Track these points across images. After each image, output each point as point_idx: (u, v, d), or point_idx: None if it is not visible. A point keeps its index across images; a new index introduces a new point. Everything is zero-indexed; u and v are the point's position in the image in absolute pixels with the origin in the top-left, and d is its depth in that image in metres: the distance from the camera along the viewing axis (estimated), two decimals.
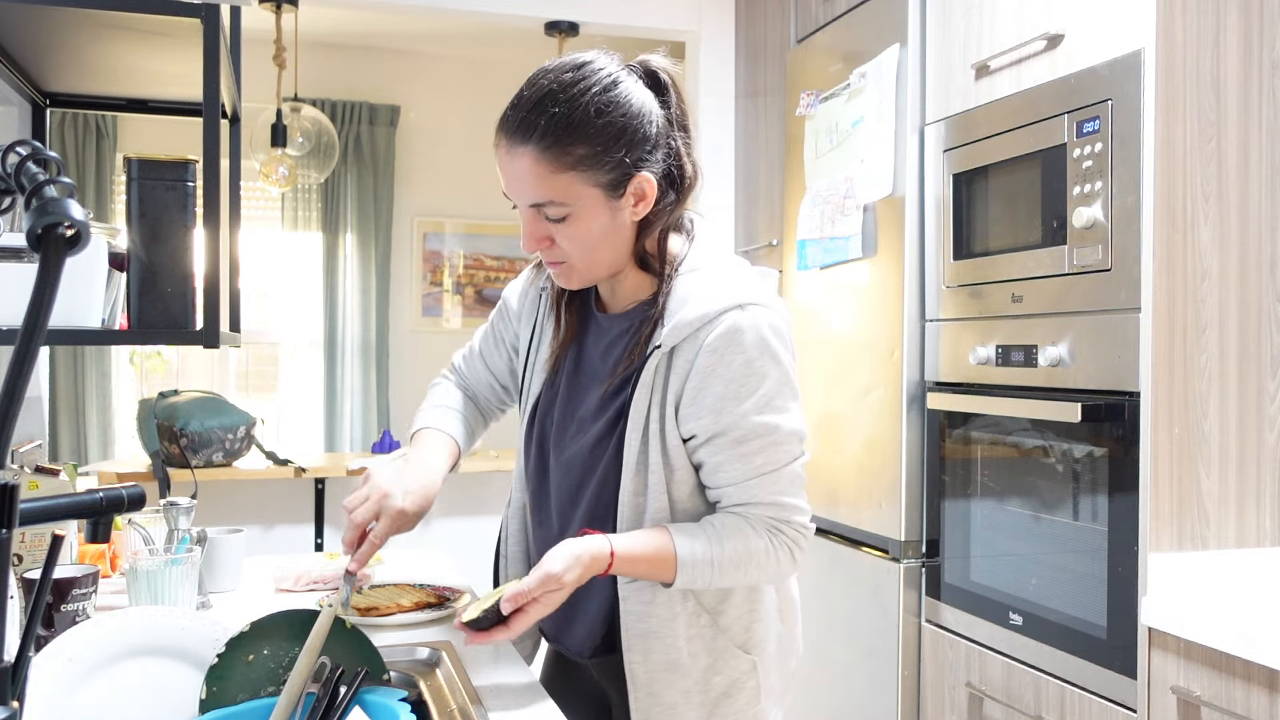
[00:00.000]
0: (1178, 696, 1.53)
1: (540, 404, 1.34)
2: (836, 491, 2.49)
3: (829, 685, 2.50)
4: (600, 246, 1.20)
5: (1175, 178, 1.63)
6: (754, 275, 1.28)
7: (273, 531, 3.31)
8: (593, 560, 1.15)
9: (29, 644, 0.69)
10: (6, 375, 0.59)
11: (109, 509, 0.91)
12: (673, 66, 1.24)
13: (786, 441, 1.20)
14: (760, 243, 3.08)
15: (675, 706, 1.24)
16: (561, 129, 1.13)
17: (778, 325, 1.21)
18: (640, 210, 1.20)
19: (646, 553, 1.18)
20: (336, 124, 4.56)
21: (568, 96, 1.14)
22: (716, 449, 1.20)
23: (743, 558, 1.19)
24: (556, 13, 3.31)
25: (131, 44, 1.57)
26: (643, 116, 1.18)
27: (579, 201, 1.16)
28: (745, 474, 1.20)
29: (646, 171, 1.19)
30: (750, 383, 1.18)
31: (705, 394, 1.18)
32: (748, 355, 1.17)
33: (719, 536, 1.19)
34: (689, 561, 1.17)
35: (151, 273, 1.35)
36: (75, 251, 0.59)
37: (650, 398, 1.21)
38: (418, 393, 5.79)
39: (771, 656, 1.31)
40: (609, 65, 1.18)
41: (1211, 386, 1.65)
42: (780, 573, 1.24)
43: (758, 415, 1.18)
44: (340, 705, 0.96)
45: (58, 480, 1.76)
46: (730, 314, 1.18)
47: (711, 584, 1.20)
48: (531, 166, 1.15)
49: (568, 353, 1.33)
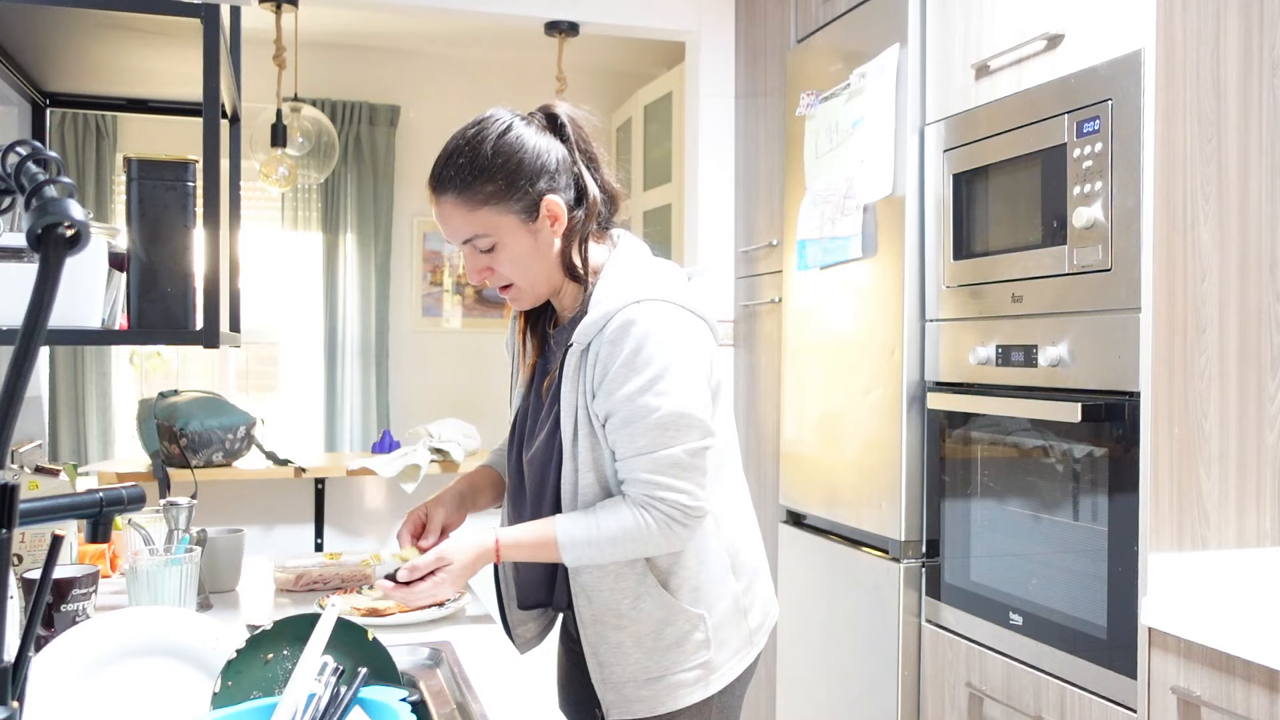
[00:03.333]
0: (1178, 696, 1.53)
1: (519, 415, 1.55)
2: (836, 491, 2.49)
3: (829, 685, 2.50)
4: (532, 265, 1.41)
5: (1175, 178, 1.63)
6: (670, 275, 1.45)
7: (273, 531, 3.31)
8: (481, 548, 1.42)
9: (29, 644, 0.69)
10: (6, 375, 0.59)
11: (109, 509, 0.91)
12: (571, 109, 1.46)
13: (672, 426, 1.35)
14: (760, 243, 3.08)
15: (621, 646, 1.44)
16: (468, 174, 1.37)
17: (672, 317, 1.37)
18: (557, 229, 1.41)
19: (530, 539, 1.41)
20: (336, 124, 4.56)
21: (470, 146, 1.38)
22: (611, 429, 1.38)
23: (618, 534, 1.37)
24: (556, 13, 3.31)
25: (131, 44, 1.57)
26: (539, 151, 1.39)
27: (499, 230, 1.38)
28: (628, 453, 1.37)
29: (552, 196, 1.40)
30: (636, 367, 1.34)
31: (604, 380, 1.36)
32: (636, 343, 1.34)
33: (597, 517, 1.38)
34: (567, 542, 1.38)
35: (151, 273, 1.35)
36: (75, 251, 0.59)
37: (574, 389, 1.40)
38: (418, 393, 5.72)
39: (724, 613, 1.48)
40: (504, 115, 1.41)
41: (1211, 386, 1.65)
42: (659, 545, 1.39)
43: (640, 397, 1.34)
44: (340, 705, 0.96)
45: (58, 480, 1.76)
46: (627, 309, 1.35)
47: (600, 559, 1.39)
48: (453, 210, 1.39)
49: (536, 368, 1.53)
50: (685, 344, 1.38)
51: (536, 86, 4.47)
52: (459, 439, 3.42)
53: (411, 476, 3.26)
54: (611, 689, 1.45)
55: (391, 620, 1.50)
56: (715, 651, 1.46)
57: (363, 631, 1.09)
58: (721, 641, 1.47)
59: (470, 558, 1.41)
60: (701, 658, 1.45)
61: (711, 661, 1.46)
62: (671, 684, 1.44)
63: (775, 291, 2.93)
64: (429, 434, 3.42)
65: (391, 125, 4.82)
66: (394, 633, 1.45)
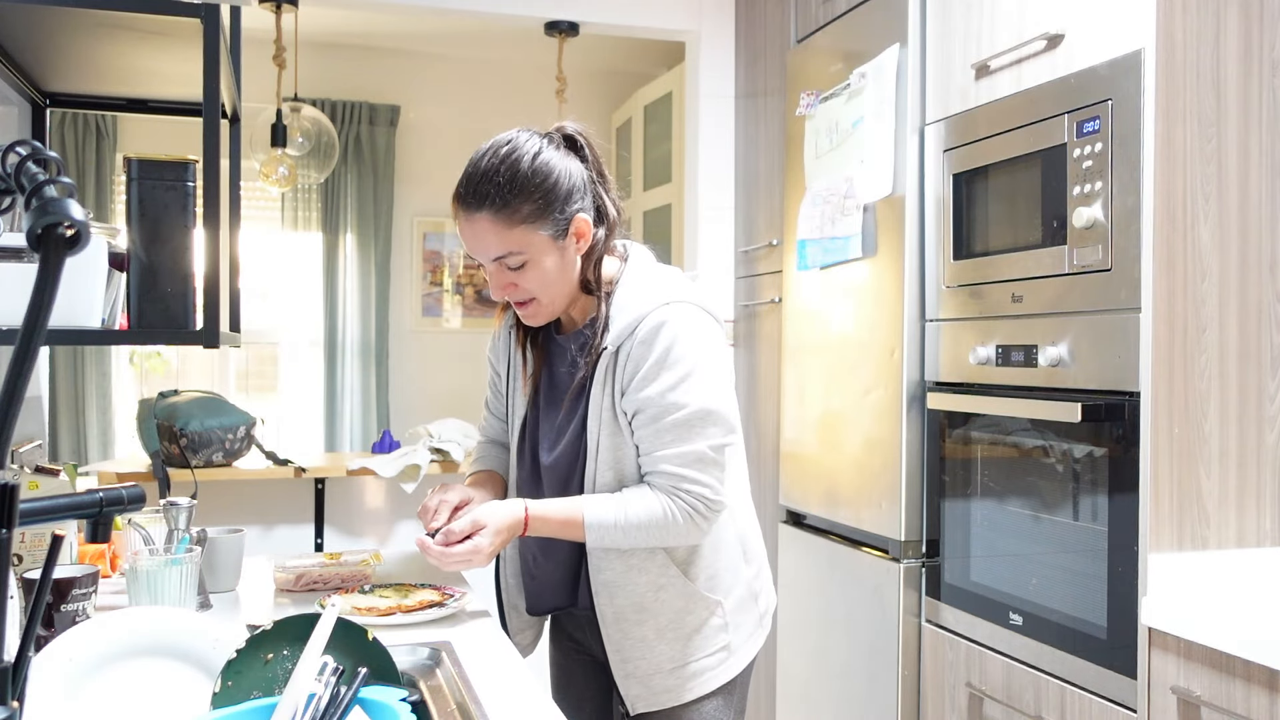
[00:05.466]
0: (1178, 696, 1.53)
1: (526, 423, 1.58)
2: (836, 491, 2.49)
3: (829, 685, 2.50)
4: (557, 282, 1.45)
5: (1175, 178, 1.63)
6: (682, 280, 1.52)
7: (273, 531, 3.31)
8: (513, 517, 1.43)
9: (29, 644, 0.69)
10: (6, 375, 0.59)
11: (109, 509, 0.91)
12: (584, 129, 1.50)
13: (698, 423, 1.41)
14: (760, 243, 3.08)
15: (645, 640, 1.47)
16: (507, 193, 1.39)
17: (698, 319, 1.44)
18: (583, 246, 1.46)
19: (558, 515, 1.44)
20: (336, 124, 4.55)
21: (507, 167, 1.40)
22: (639, 425, 1.43)
23: (644, 520, 1.41)
24: (556, 13, 3.31)
25: (131, 44, 1.58)
26: (568, 173, 1.44)
27: (531, 249, 1.41)
28: (654, 446, 1.42)
29: (582, 214, 1.44)
30: (667, 365, 1.40)
31: (635, 378, 1.41)
32: (667, 343, 1.40)
33: (625, 502, 1.42)
34: (594, 523, 1.42)
35: (151, 273, 1.35)
36: (75, 251, 0.59)
37: (604, 391, 1.44)
38: (418, 393, 5.72)
39: (739, 598, 1.54)
40: (532, 139, 1.44)
41: (1211, 386, 1.65)
42: (681, 535, 1.43)
43: (670, 394, 1.40)
44: (340, 705, 0.96)
45: (58, 480, 1.76)
46: (657, 311, 1.41)
47: (622, 543, 1.43)
48: (488, 227, 1.40)
49: (540, 377, 1.57)
50: (711, 344, 1.45)
51: (536, 86, 4.47)
52: (459, 439, 3.41)
53: (411, 476, 3.26)
54: (636, 682, 1.48)
55: (391, 620, 1.50)
56: (733, 634, 1.52)
57: (363, 631, 1.09)
58: (738, 625, 1.53)
59: (504, 523, 1.43)
60: (721, 641, 1.51)
61: (731, 644, 1.52)
62: (695, 670, 1.49)
63: (775, 291, 2.93)
64: (429, 434, 3.42)
65: (391, 125, 4.82)
66: (394, 633, 1.45)
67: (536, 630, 1.65)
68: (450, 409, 4.35)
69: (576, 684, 1.67)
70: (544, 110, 3.91)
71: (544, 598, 1.58)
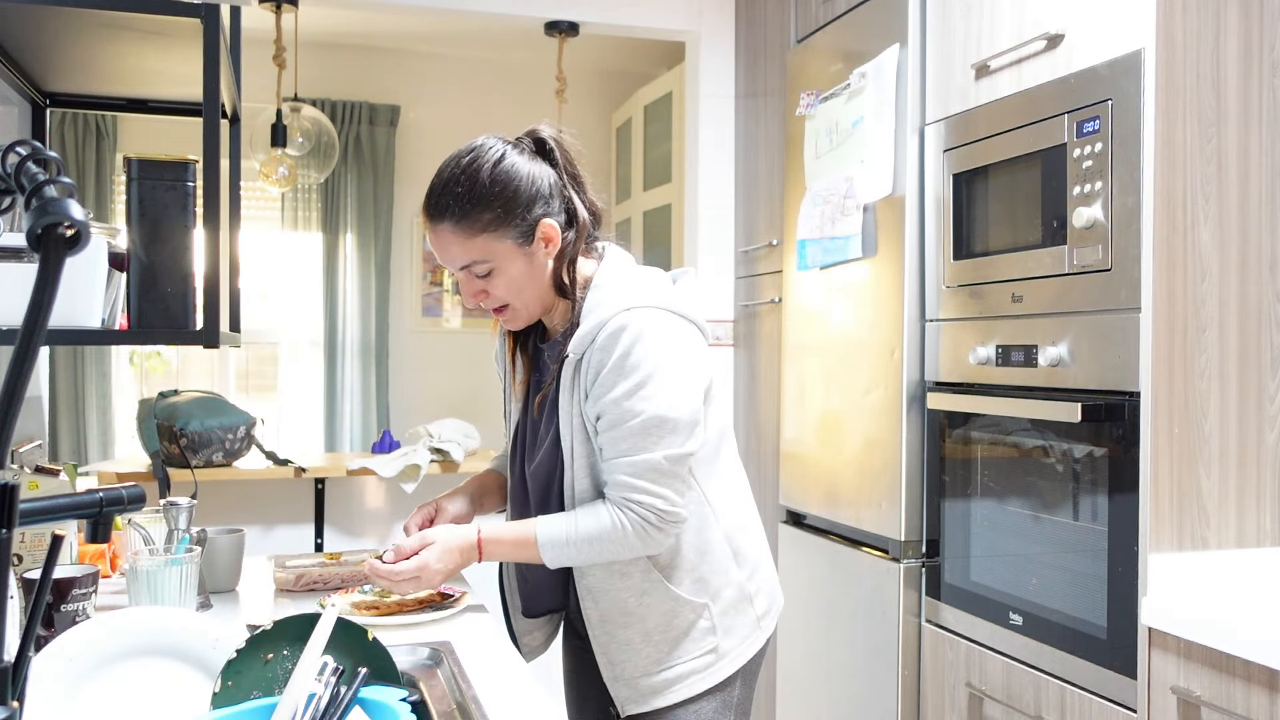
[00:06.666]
0: (1178, 696, 1.53)
1: (518, 429, 1.58)
2: (836, 491, 2.49)
3: (829, 685, 2.50)
4: (527, 287, 1.45)
5: (1175, 178, 1.63)
6: (657, 282, 1.48)
7: (273, 531, 3.31)
8: (464, 538, 1.45)
9: (29, 644, 0.69)
10: (6, 375, 0.59)
11: (109, 509, 0.91)
12: (556, 133, 1.49)
13: (655, 430, 1.37)
14: (760, 243, 3.08)
15: (631, 643, 1.47)
16: (466, 202, 1.39)
17: (663, 323, 1.40)
18: (551, 250, 1.45)
19: (511, 536, 1.45)
20: (336, 124, 4.55)
21: (467, 175, 1.40)
22: (600, 430, 1.41)
23: (594, 534, 1.39)
24: (556, 13, 3.31)
25: (131, 44, 1.58)
26: (533, 178, 1.43)
27: (496, 256, 1.41)
28: (611, 455, 1.40)
29: (548, 219, 1.43)
30: (624, 372, 1.37)
31: (595, 385, 1.40)
32: (625, 348, 1.37)
33: (576, 518, 1.41)
34: (546, 542, 1.41)
35: (151, 273, 1.35)
36: (75, 251, 0.59)
37: (571, 398, 1.43)
38: (418, 393, 5.72)
39: (730, 600, 1.51)
40: (496, 144, 1.44)
41: (1211, 386, 1.65)
42: (635, 548, 1.41)
43: (626, 401, 1.37)
44: (340, 705, 0.96)
45: (58, 480, 1.76)
46: (618, 316, 1.38)
47: (578, 560, 1.42)
48: (451, 237, 1.41)
49: (530, 384, 1.57)
50: (673, 349, 1.40)
51: (536, 86, 4.47)
52: (459, 439, 3.41)
53: (411, 476, 3.26)
54: (624, 685, 1.48)
55: (391, 620, 1.50)
56: (723, 638, 1.50)
57: (363, 631, 1.09)
58: (728, 628, 1.51)
59: (454, 542, 1.44)
60: (709, 644, 1.49)
61: (719, 647, 1.50)
62: (682, 673, 1.48)
63: (775, 291, 2.93)
64: (429, 434, 3.42)
65: (391, 125, 4.81)
66: (394, 633, 1.45)
67: (545, 633, 1.65)
68: (450, 409, 4.35)
69: (582, 681, 1.67)
70: (544, 110, 3.91)
71: (537, 600, 1.58)
